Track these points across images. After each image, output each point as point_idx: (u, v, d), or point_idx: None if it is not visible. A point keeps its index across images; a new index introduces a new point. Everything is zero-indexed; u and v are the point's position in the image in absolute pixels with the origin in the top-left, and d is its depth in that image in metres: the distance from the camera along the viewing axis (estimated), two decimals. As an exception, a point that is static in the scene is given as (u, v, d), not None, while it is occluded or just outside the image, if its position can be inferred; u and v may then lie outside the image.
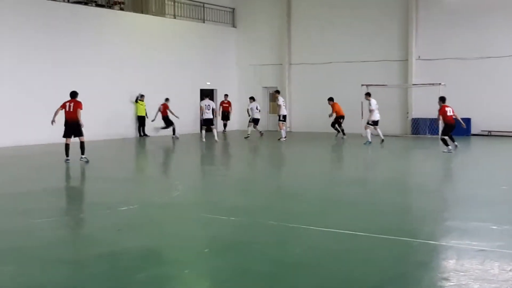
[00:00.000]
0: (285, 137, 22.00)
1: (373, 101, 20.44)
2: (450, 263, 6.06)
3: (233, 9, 29.37)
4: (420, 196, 10.39)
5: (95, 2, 23.34)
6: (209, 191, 11.21)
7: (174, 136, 23.34)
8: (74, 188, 11.12)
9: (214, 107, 22.36)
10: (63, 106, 14.66)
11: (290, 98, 27.66)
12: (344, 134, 22.44)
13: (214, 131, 21.82)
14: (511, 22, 22.95)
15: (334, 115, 22.77)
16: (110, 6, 23.95)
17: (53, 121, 14.64)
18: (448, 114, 17.13)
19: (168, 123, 23.55)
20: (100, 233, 7.47)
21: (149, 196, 10.26)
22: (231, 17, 29.41)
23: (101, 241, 7.07)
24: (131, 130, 23.97)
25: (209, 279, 5.76)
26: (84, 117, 14.79)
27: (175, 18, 26.34)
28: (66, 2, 22.06)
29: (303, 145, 20.73)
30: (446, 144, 16.87)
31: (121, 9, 24.41)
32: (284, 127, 22.48)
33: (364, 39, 25.72)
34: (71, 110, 14.49)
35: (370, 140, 19.98)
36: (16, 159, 16.26)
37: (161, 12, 26.17)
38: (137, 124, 24.18)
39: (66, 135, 14.63)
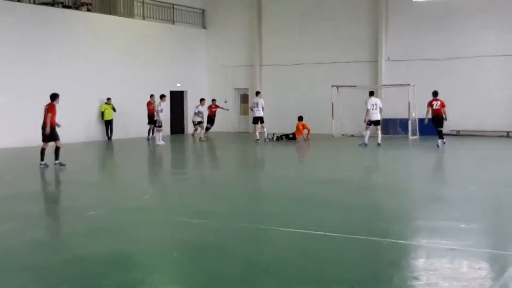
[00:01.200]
0: (259, 139, 21.81)
1: (369, 101, 19.59)
2: (420, 262, 6.09)
3: (203, 10, 29.24)
4: (390, 196, 10.43)
5: (62, 3, 22.97)
6: (179, 194, 11.08)
7: (149, 137, 23.12)
8: (42, 193, 10.90)
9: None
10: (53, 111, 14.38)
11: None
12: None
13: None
14: (477, 24, 23.31)
15: None
16: (77, 7, 23.60)
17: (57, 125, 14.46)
18: (434, 107, 18.63)
19: (151, 121, 22.93)
20: (67, 239, 7.32)
21: (119, 200, 10.10)
22: (201, 19, 29.28)
23: (68, 247, 6.92)
24: (101, 133, 23.70)
25: (178, 284, 5.67)
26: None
27: (144, 19, 26.09)
28: (32, 4, 21.68)
29: (277, 146, 20.71)
30: (441, 137, 18.73)
31: (89, 10, 24.06)
32: (260, 129, 22.04)
33: (335, 40, 25.87)
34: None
35: (366, 142, 19.35)
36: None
37: (129, 13, 25.89)
38: (105, 127, 23.89)
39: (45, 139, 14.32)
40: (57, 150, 14.18)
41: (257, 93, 22.78)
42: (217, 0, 28.91)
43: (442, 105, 18.62)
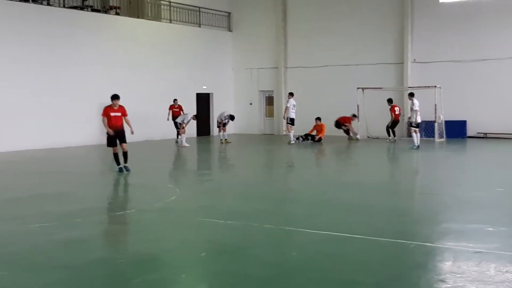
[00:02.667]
0: (294, 141, 21.85)
1: (416, 102, 19.57)
2: (446, 265, 6.07)
3: (229, 13, 29.41)
4: (417, 198, 10.39)
5: (91, 7, 23.34)
6: (206, 195, 11.19)
7: (177, 140, 22.81)
8: (71, 193, 11.09)
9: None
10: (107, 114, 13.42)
11: (287, 102, 27.64)
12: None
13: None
14: (505, 25, 23.04)
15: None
16: (105, 11, 23.95)
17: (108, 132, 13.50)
18: (396, 112, 22.24)
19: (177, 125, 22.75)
20: (96, 238, 7.46)
21: (147, 201, 10.24)
22: (227, 21, 29.44)
23: (97, 246, 7.06)
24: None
25: (206, 284, 5.75)
26: (80, 121, 14.66)
27: (171, 22, 26.36)
28: (62, 8, 22.06)
29: (304, 148, 20.72)
30: (389, 134, 22.13)
31: (117, 13, 24.40)
32: (292, 131, 22.18)
33: (360, 42, 25.80)
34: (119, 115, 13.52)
35: (416, 144, 19.19)
36: (18, 164, 16.21)
37: (157, 17, 26.20)
38: None
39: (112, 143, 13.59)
40: (124, 154, 13.59)
41: (291, 94, 22.73)
42: (243, 3, 29.06)
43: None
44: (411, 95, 19.96)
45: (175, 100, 23.73)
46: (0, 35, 19.56)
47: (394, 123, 22.45)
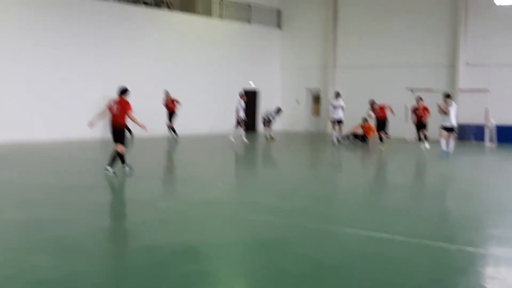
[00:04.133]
0: (337, 142, 21.33)
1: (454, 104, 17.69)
2: (487, 270, 5.99)
3: (279, 10, 29.44)
4: (461, 202, 10.22)
5: (144, 1, 23.79)
6: (248, 191, 11.28)
7: (173, 137, 21.75)
8: (118, 185, 11.35)
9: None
10: (109, 108, 12.03)
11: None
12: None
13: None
14: None
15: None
16: (158, 5, 24.36)
17: (91, 123, 12.24)
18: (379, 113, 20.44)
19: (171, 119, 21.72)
20: (139, 228, 7.63)
21: (189, 194, 10.39)
22: (277, 19, 29.48)
23: (139, 236, 7.22)
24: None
25: (245, 277, 5.82)
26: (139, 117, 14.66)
27: (221, 18, 26.59)
28: (115, 1, 22.54)
29: (349, 148, 20.59)
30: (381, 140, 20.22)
31: (169, 8, 24.80)
32: (334, 131, 21.49)
33: (412, 43, 25.42)
34: (117, 113, 11.89)
35: (445, 149, 17.38)
36: (59, 154, 16.69)
37: (208, 13, 26.48)
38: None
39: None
40: (115, 154, 11.92)
41: (338, 94, 22.16)
42: (294, 0, 29.04)
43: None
44: (449, 96, 17.82)
45: (167, 93, 21.95)
46: (53, 27, 20.14)
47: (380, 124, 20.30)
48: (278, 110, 23.23)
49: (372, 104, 20.37)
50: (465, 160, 17.49)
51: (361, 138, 22.50)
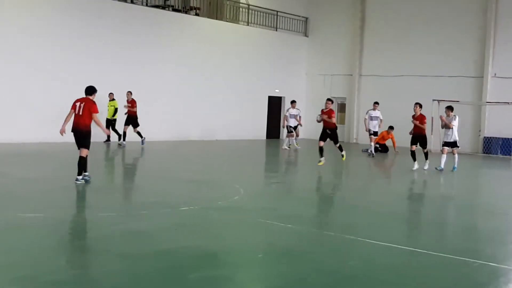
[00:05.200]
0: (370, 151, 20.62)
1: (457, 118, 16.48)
2: (509, 286, 5.86)
3: (306, 18, 29.42)
4: (486, 217, 10.05)
5: (172, 6, 23.97)
6: (269, 197, 11.25)
7: (121, 141, 19.76)
8: (138, 186, 11.41)
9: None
10: (73, 107, 10.94)
11: (359, 110, 27.44)
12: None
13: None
14: None
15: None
16: (186, 11, 24.52)
17: (62, 131, 10.95)
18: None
19: (131, 122, 19.72)
20: (159, 231, 7.64)
21: (211, 198, 10.40)
22: (304, 26, 29.47)
23: (159, 239, 7.23)
24: (194, 131, 24.35)
25: (262, 285, 5.78)
26: (156, 120, 14.78)
27: (248, 25, 26.67)
28: (143, 6, 22.76)
29: (374, 158, 20.44)
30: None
31: (197, 14, 24.95)
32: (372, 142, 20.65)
33: (439, 53, 25.16)
34: (80, 113, 10.81)
35: (442, 166, 16.30)
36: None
37: (235, 19, 26.59)
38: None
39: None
40: (86, 160, 11.00)
41: (376, 103, 20.96)
42: (321, 8, 29.00)
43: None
44: (451, 109, 16.48)
45: (127, 92, 20.00)
46: (80, 30, 20.38)
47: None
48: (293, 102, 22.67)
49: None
50: (490, 173, 17.22)
51: (383, 148, 22.26)
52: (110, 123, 20.15)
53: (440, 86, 24.67)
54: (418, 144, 16.23)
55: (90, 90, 11.03)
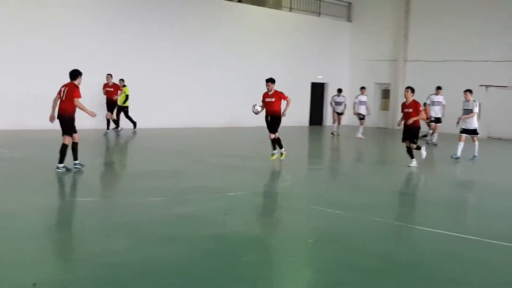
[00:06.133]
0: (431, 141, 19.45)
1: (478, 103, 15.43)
2: None
3: (350, 3, 29.07)
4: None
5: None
6: (317, 184, 11.22)
7: (107, 132, 18.22)
8: (181, 172, 11.51)
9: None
10: (59, 92, 10.62)
11: (403, 96, 27.02)
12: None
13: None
14: None
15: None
16: (228, -2, 24.57)
17: (52, 118, 10.64)
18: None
19: (111, 109, 18.42)
20: (208, 215, 7.72)
21: (258, 184, 10.44)
22: (347, 11, 29.12)
23: (208, 223, 7.31)
24: (237, 118, 24.41)
25: (312, 269, 5.79)
26: (199, 106, 14.70)
27: (291, 11, 26.53)
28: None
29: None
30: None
31: (239, 1, 24.95)
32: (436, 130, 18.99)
33: (486, 37, 24.49)
34: (64, 98, 10.51)
35: (459, 154, 15.12)
36: (153, 140, 17.12)
37: (278, 5, 26.47)
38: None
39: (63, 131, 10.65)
40: (74, 147, 10.71)
41: (439, 88, 19.36)
42: (365, -7, 28.61)
43: None
44: (470, 92, 15.50)
45: (108, 75, 18.47)
46: (122, 16, 20.59)
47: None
48: (339, 90, 22.40)
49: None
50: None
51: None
52: (122, 110, 19.36)
53: (488, 71, 24.04)
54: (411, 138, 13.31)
55: (74, 74, 10.60)
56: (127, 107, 19.53)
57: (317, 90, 27.89)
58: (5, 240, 6.24)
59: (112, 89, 18.25)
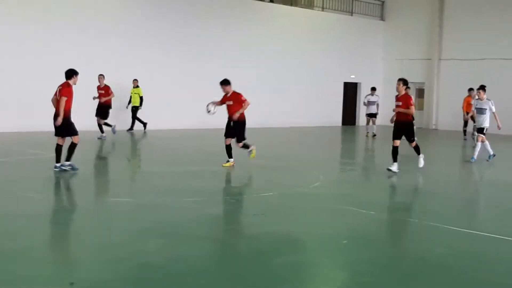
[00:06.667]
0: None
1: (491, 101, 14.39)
2: None
3: (383, 1, 28.82)
4: None
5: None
6: (349, 184, 11.17)
7: (101, 136, 16.62)
8: (215, 172, 11.56)
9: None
10: (55, 92, 10.53)
11: (438, 95, 26.72)
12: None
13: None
14: None
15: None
16: (260, -2, 24.62)
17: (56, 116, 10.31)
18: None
19: (101, 113, 16.87)
20: (240, 216, 7.76)
21: (290, 184, 10.43)
22: (380, 10, 28.88)
23: (241, 224, 7.35)
24: (270, 118, 24.40)
25: (346, 270, 5.76)
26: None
27: (323, 10, 26.43)
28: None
29: (459, 144, 19.83)
30: None
31: (271, 1, 24.97)
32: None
33: (524, 34, 24.02)
34: (57, 97, 10.38)
35: (492, 152, 14.33)
36: (172, 142, 17.28)
37: (310, 5, 26.41)
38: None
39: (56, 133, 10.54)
40: (71, 148, 10.52)
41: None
42: (398, -9, 28.32)
43: None
44: (483, 89, 14.60)
45: (99, 76, 16.95)
46: (153, 15, 20.83)
47: None
48: (373, 89, 22.20)
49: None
50: None
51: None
52: (137, 111, 19.30)
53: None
54: (403, 136, 12.10)
55: (67, 73, 10.45)
56: (137, 107, 19.31)
57: (350, 90, 27.72)
58: (44, 240, 6.38)
59: (103, 91, 16.69)
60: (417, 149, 12.25)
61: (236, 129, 11.72)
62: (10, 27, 17.85)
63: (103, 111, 16.70)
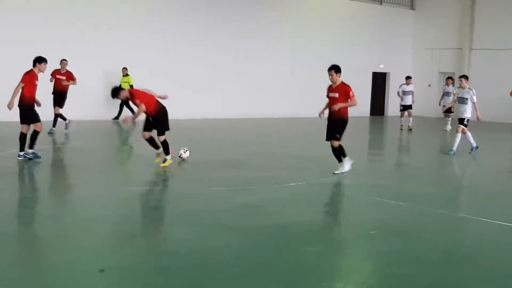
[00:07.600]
0: None
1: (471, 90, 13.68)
2: None
3: (413, -10, 28.46)
4: None
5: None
6: (377, 175, 11.10)
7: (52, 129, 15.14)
8: (242, 162, 11.58)
9: None
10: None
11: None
12: None
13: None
14: None
15: None
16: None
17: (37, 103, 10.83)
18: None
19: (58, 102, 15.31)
20: (268, 206, 7.76)
21: (318, 174, 10.41)
22: (410, -1, 28.53)
23: (269, 213, 7.36)
24: (300, 108, 24.33)
25: (374, 261, 5.73)
26: (265, 97, 14.71)
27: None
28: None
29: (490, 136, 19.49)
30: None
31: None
32: None
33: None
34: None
35: (475, 144, 13.86)
36: (210, 131, 17.38)
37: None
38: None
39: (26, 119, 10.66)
40: (34, 135, 10.67)
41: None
42: (429, -21, 27.89)
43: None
44: (466, 78, 13.92)
45: (63, 61, 15.34)
46: (177, 8, 20.96)
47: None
48: (408, 77, 21.39)
49: None
50: None
51: None
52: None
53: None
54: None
55: (34, 60, 10.52)
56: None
57: (379, 80, 27.47)
58: (75, 226, 6.49)
59: (64, 77, 15.17)
60: (341, 151, 10.14)
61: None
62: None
63: (59, 99, 15.21)
